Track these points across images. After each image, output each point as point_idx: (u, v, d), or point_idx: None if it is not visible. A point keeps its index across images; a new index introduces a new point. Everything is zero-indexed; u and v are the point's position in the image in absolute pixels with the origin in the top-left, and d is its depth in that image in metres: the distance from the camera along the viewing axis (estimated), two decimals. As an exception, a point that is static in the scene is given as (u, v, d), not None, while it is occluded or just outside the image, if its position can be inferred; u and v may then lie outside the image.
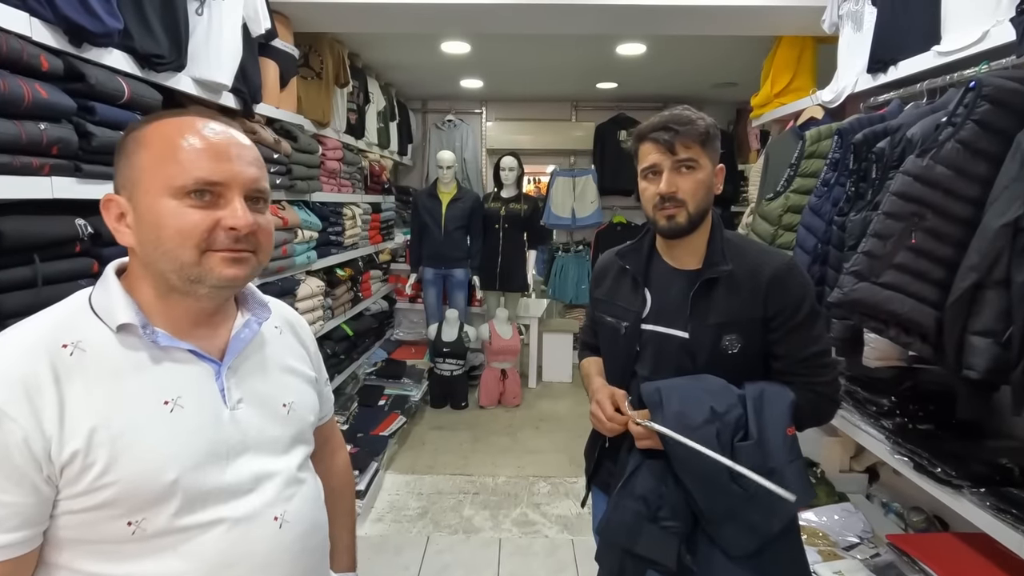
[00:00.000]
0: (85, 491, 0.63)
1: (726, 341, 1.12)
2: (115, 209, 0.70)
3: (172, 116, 0.71)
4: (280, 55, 2.35)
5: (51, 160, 1.21)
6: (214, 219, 0.68)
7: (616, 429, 1.14)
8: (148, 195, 0.67)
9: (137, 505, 0.65)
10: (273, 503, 0.74)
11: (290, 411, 0.80)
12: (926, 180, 1.19)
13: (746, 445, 1.03)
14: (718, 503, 1.03)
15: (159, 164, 0.67)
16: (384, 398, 3.65)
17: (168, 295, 0.71)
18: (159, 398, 0.68)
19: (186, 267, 0.68)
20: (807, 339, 1.13)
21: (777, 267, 1.12)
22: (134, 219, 0.69)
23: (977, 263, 1.11)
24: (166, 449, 0.67)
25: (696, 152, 1.10)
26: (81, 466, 0.62)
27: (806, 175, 1.89)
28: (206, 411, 0.71)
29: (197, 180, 0.67)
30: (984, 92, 1.15)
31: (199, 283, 0.69)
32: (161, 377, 0.69)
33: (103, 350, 0.67)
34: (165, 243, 0.67)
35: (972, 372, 1.13)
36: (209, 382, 0.73)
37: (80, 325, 0.68)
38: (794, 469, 1.04)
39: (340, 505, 0.99)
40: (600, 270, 1.31)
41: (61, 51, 1.25)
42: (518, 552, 2.43)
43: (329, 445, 1.00)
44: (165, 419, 0.68)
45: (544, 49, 3.46)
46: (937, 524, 1.93)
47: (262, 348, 0.81)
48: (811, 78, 2.62)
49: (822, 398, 1.15)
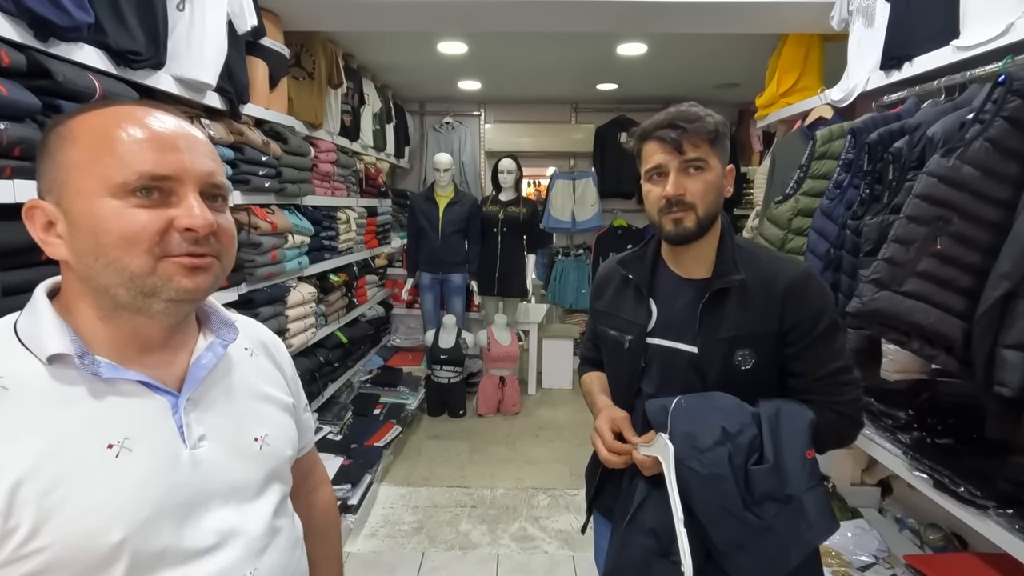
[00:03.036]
0: (7, 561, 0.53)
1: (739, 356, 1.03)
2: (40, 218, 0.59)
3: (104, 106, 0.61)
4: (269, 54, 2.28)
5: (13, 162, 1.13)
6: (166, 219, 0.58)
7: (618, 462, 1.06)
8: (81, 196, 0.57)
9: (80, 573, 0.55)
10: (243, 561, 0.64)
11: (263, 445, 0.70)
12: (952, 181, 1.11)
13: (761, 469, 0.94)
14: (732, 534, 0.94)
15: (93, 159, 0.57)
16: (379, 407, 3.56)
17: (113, 315, 0.61)
18: (101, 441, 0.58)
19: (137, 278, 0.57)
20: (827, 354, 1.04)
21: (794, 276, 1.03)
22: (66, 227, 0.58)
23: (1009, 271, 1.03)
24: (110, 503, 0.56)
25: (705, 151, 1.01)
26: (2, 531, 0.52)
27: (817, 177, 1.81)
28: (159, 453, 0.61)
29: (141, 175, 0.57)
30: (1015, 87, 1.07)
31: (153, 296, 0.59)
32: (104, 416, 0.59)
33: (30, 386, 0.57)
34: (108, 251, 0.57)
35: (1004, 389, 1.04)
36: (164, 418, 0.62)
37: (3, 359, 0.58)
38: (814, 497, 0.95)
39: (323, 549, 0.88)
40: (601, 280, 1.23)
41: (25, 45, 1.17)
42: (517, 569, 2.33)
43: (310, 480, 0.89)
44: (108, 466, 0.57)
45: (543, 49, 3.39)
46: (955, 542, 1.85)
47: (228, 374, 0.70)
48: (818, 77, 2.55)
49: (844, 419, 1.06)
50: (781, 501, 0.93)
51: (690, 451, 0.95)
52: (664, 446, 0.97)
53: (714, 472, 0.93)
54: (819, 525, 0.94)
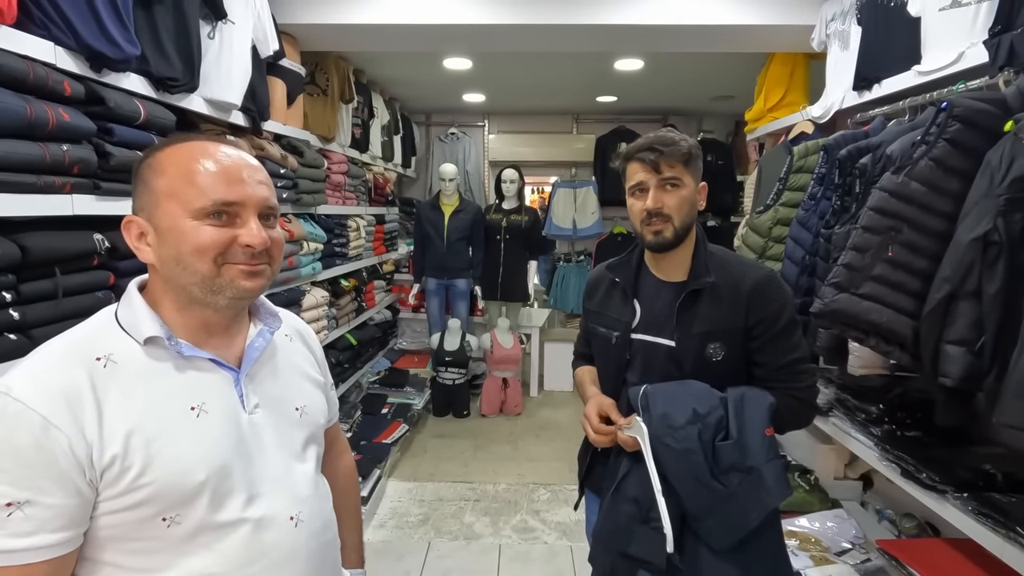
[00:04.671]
0: (123, 491, 0.67)
1: (710, 349, 1.17)
2: (135, 229, 0.75)
3: (183, 141, 0.75)
4: (287, 74, 2.44)
5: (72, 179, 1.28)
6: (231, 236, 0.73)
7: (604, 441, 1.20)
8: (168, 216, 0.72)
9: (170, 504, 0.69)
10: (290, 504, 0.78)
11: (303, 414, 0.85)
12: (901, 195, 1.25)
13: (726, 444, 1.09)
14: (702, 500, 1.08)
15: (178, 188, 0.72)
16: (387, 406, 3.69)
17: (188, 307, 0.76)
18: (186, 404, 0.73)
19: (207, 279, 0.73)
20: (786, 347, 1.18)
21: (758, 279, 1.18)
22: (155, 238, 0.73)
23: (950, 275, 1.16)
24: (195, 451, 0.71)
25: (679, 171, 1.17)
26: (120, 469, 0.67)
27: (794, 189, 1.95)
28: (228, 416, 0.76)
29: (215, 202, 0.72)
30: (955, 112, 1.20)
31: (219, 294, 0.74)
32: (186, 385, 0.74)
33: (132, 361, 0.72)
34: (185, 258, 0.72)
35: (947, 380, 1.17)
36: (229, 389, 0.77)
37: (109, 340, 0.73)
38: (772, 467, 1.09)
39: (346, 505, 1.03)
40: (592, 283, 1.37)
41: (83, 76, 1.33)
42: (517, 558, 2.46)
43: (335, 447, 1.05)
44: (193, 424, 0.72)
45: (544, 65, 3.54)
46: (929, 530, 1.96)
47: (275, 355, 0.86)
48: (803, 93, 2.69)
49: (801, 403, 1.21)
50: (743, 471, 1.07)
51: (666, 429, 1.10)
52: (639, 427, 1.12)
53: (686, 447, 1.08)
54: (775, 491, 1.09)
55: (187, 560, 0.71)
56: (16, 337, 1.15)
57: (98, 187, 1.35)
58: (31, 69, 1.16)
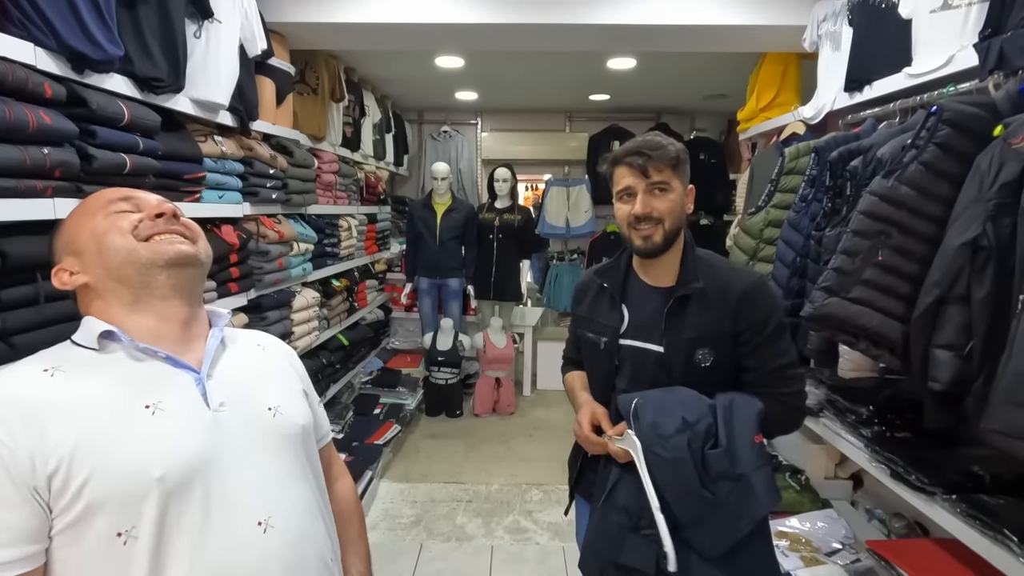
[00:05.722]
0: (72, 499, 0.66)
1: (699, 355, 1.17)
2: (63, 274, 0.79)
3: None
4: (276, 73, 2.41)
5: (54, 183, 1.25)
6: (139, 216, 0.80)
7: (597, 450, 1.20)
8: (83, 229, 0.78)
9: (121, 507, 0.66)
10: (259, 507, 0.75)
11: (276, 414, 0.82)
12: (891, 200, 1.25)
13: (716, 452, 1.08)
14: (693, 509, 1.08)
15: (80, 213, 0.81)
16: (379, 407, 3.68)
17: (136, 304, 0.77)
18: (140, 403, 0.72)
19: (133, 254, 0.76)
20: (774, 352, 1.18)
21: (747, 284, 1.17)
22: (77, 260, 0.78)
23: (939, 279, 1.16)
24: (148, 449, 0.69)
25: (668, 175, 1.16)
26: (65, 476, 0.66)
27: (786, 190, 1.95)
28: (187, 414, 0.74)
29: (112, 198, 0.80)
30: (945, 117, 1.20)
31: (153, 267, 0.77)
32: (141, 384, 0.74)
33: (83, 366, 0.73)
34: (108, 247, 0.76)
35: (936, 384, 1.17)
36: (190, 388, 0.76)
37: (61, 355, 0.75)
38: (762, 475, 1.09)
39: (348, 531, 0.97)
40: (580, 289, 1.37)
41: (64, 77, 1.30)
42: (510, 559, 2.46)
43: (331, 473, 0.99)
44: (148, 422, 0.71)
45: (537, 63, 3.53)
46: (918, 530, 1.97)
47: (242, 359, 0.86)
48: (796, 93, 2.69)
49: (789, 408, 1.21)
50: (732, 479, 1.07)
51: (655, 438, 1.09)
52: (632, 441, 1.10)
53: (675, 456, 1.07)
54: (764, 499, 1.08)
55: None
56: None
57: (81, 190, 1.32)
58: (10, 71, 1.13)
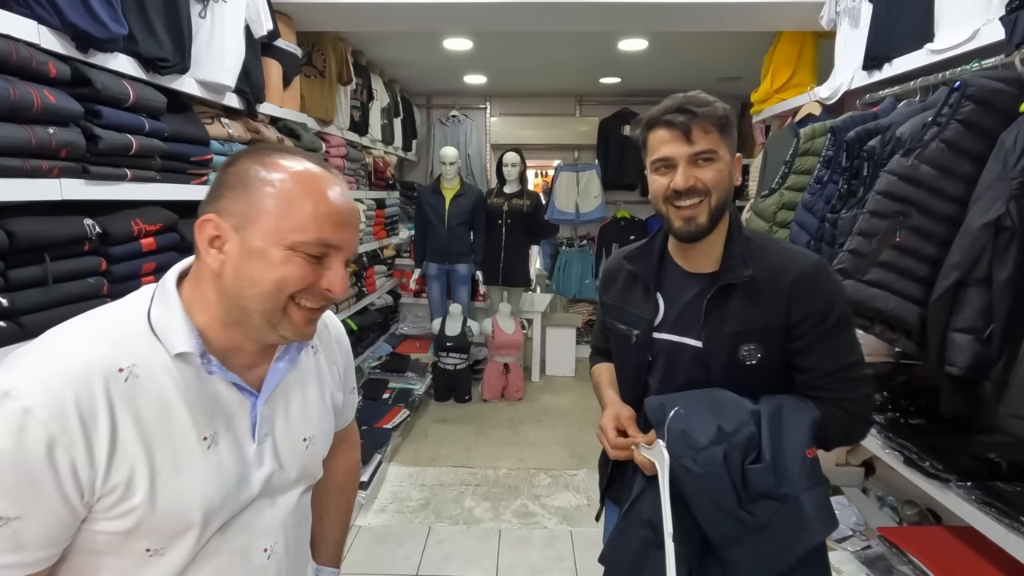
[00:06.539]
0: (118, 517, 0.64)
1: (744, 351, 1.00)
2: (211, 230, 0.67)
3: (293, 159, 0.69)
4: (283, 55, 2.39)
5: (60, 163, 1.25)
6: (316, 277, 0.68)
7: (622, 456, 1.06)
8: (262, 236, 0.66)
9: (161, 539, 0.67)
10: (267, 537, 0.76)
11: (309, 446, 0.80)
12: (911, 179, 1.21)
13: (758, 468, 0.93)
14: (726, 530, 0.93)
15: (285, 214, 0.66)
16: (388, 392, 3.70)
17: (232, 326, 0.70)
18: (199, 433, 0.68)
19: (272, 312, 0.67)
20: (835, 350, 1.00)
21: (803, 269, 0.99)
22: (237, 249, 0.67)
23: (959, 261, 1.13)
24: (198, 489, 0.67)
25: (714, 140, 0.97)
26: (120, 497, 0.63)
27: (800, 172, 1.90)
28: (234, 448, 0.72)
29: (319, 241, 0.67)
30: (968, 92, 1.16)
31: (275, 329, 0.69)
32: (203, 410, 0.69)
33: (155, 377, 0.66)
34: (261, 286, 0.66)
35: (953, 368, 1.15)
36: (244, 415, 0.73)
37: (137, 347, 0.66)
38: (813, 496, 0.93)
39: (339, 500, 0.99)
40: (608, 274, 1.21)
41: (68, 57, 1.29)
42: (517, 543, 2.47)
43: (344, 444, 0.99)
44: (202, 456, 0.68)
45: (546, 45, 3.47)
46: (930, 517, 1.95)
47: (296, 377, 0.80)
48: (811, 74, 2.62)
49: (852, 416, 1.02)
50: (777, 500, 0.92)
51: (685, 450, 0.94)
52: (660, 454, 0.96)
53: (708, 471, 0.92)
54: (816, 525, 0.93)
55: None
56: (5, 324, 1.14)
57: (87, 171, 1.32)
58: (13, 49, 1.12)
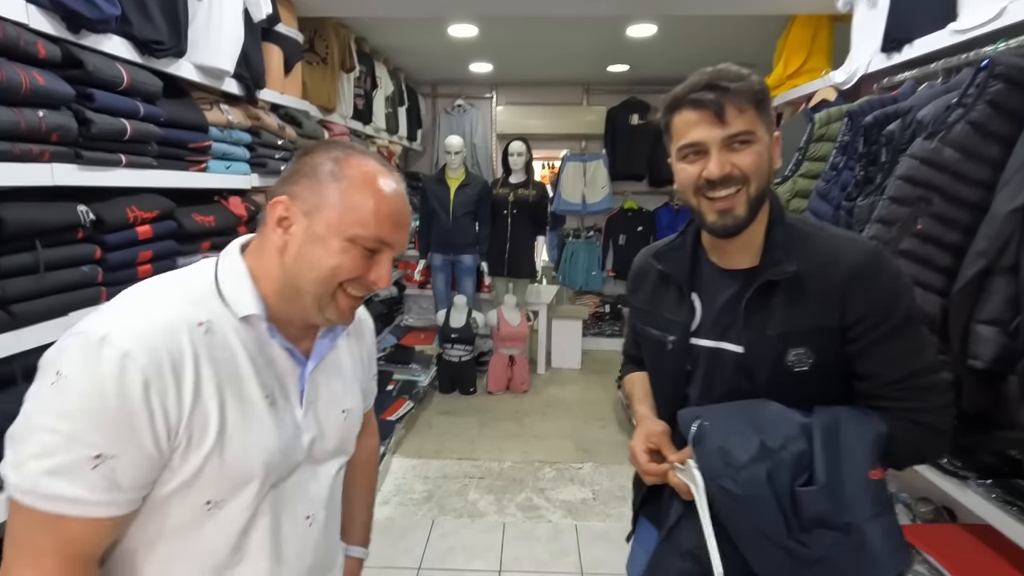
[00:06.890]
0: (187, 463, 0.67)
1: (792, 357, 0.87)
2: (282, 211, 0.73)
3: (364, 158, 0.75)
4: (284, 40, 2.35)
5: (51, 147, 1.22)
6: (365, 269, 0.74)
7: (655, 480, 0.95)
8: (325, 225, 0.72)
9: (222, 489, 0.70)
10: (309, 504, 0.80)
11: (347, 418, 0.85)
12: (933, 163, 1.16)
13: (811, 491, 0.80)
14: (774, 563, 0.82)
15: (348, 208, 0.72)
16: (392, 383, 3.68)
17: (286, 301, 0.75)
18: (263, 391, 0.73)
19: (322, 296, 0.73)
20: (902, 353, 0.86)
21: (858, 259, 0.86)
22: (302, 232, 0.72)
23: (985, 249, 1.08)
24: (261, 442, 0.72)
25: (750, 119, 0.84)
26: (195, 441, 0.67)
27: (815, 159, 1.84)
28: (288, 409, 0.77)
29: (376, 238, 0.73)
30: (997, 71, 1.10)
31: (321, 312, 0.75)
32: (265, 370, 0.74)
33: (227, 334, 0.71)
34: (318, 270, 0.72)
35: (978, 362, 1.10)
36: (295, 381, 0.78)
37: (210, 306, 0.72)
38: (880, 525, 0.81)
39: (362, 480, 1.03)
40: (637, 274, 1.09)
41: (58, 38, 1.25)
42: (522, 536, 2.45)
43: (366, 428, 1.03)
44: (264, 412, 0.73)
45: (553, 32, 3.41)
46: (945, 515, 1.90)
47: (335, 353, 0.86)
48: (826, 58, 2.55)
49: (924, 430, 0.87)
50: (838, 530, 0.80)
51: (723, 468, 0.83)
52: (692, 475, 0.86)
53: (750, 492, 0.81)
54: (884, 560, 0.80)
55: (204, 540, 0.71)
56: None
57: (80, 156, 1.29)
58: (0, 28, 1.09)
